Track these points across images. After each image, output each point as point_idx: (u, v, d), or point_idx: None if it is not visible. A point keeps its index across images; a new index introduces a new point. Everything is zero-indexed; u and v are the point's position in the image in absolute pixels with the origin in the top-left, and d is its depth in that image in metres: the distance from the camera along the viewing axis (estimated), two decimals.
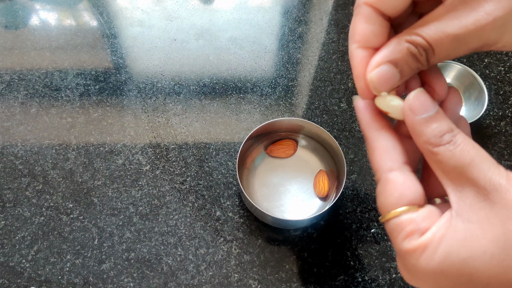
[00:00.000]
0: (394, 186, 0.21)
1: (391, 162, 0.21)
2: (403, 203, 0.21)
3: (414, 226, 0.20)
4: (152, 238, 0.46)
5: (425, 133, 0.20)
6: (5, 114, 0.54)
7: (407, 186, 0.21)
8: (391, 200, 0.21)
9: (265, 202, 0.48)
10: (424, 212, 0.20)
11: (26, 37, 0.61)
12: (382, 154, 0.22)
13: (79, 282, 0.44)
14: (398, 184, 0.21)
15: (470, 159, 0.19)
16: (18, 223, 0.47)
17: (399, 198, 0.21)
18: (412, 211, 0.20)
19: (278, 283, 0.44)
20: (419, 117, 0.20)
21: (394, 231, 0.21)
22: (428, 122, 0.20)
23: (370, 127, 0.22)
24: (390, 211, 0.21)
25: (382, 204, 0.21)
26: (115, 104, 0.56)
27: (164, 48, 0.61)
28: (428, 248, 0.19)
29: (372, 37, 0.21)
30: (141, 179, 0.50)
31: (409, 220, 0.20)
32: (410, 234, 0.20)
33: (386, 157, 0.21)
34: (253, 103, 0.56)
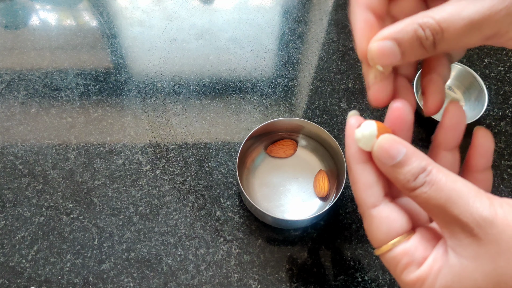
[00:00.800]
0: (379, 221, 0.21)
1: (373, 198, 0.21)
2: (392, 235, 0.21)
3: (408, 258, 0.20)
4: (152, 238, 0.46)
5: (399, 179, 0.20)
6: (5, 114, 0.54)
7: (392, 219, 0.21)
8: (380, 234, 0.21)
9: (265, 202, 0.48)
10: (415, 240, 0.20)
11: (26, 37, 0.61)
12: (365, 189, 0.22)
13: (79, 282, 0.44)
14: (384, 218, 0.21)
15: (446, 198, 0.18)
16: (18, 223, 0.47)
17: (387, 232, 0.21)
18: (403, 241, 0.20)
19: (278, 283, 0.44)
20: (388, 165, 0.20)
21: (391, 264, 0.21)
22: (398, 169, 0.20)
23: (354, 158, 0.22)
24: (382, 245, 0.21)
25: (373, 239, 0.22)
26: (115, 104, 0.56)
27: (164, 48, 0.61)
28: (427, 281, 0.19)
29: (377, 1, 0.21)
30: (141, 179, 0.50)
31: (403, 252, 0.20)
32: (407, 266, 0.20)
33: (369, 193, 0.21)
34: (253, 103, 0.56)
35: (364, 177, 0.22)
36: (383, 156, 0.20)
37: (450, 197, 0.18)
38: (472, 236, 0.18)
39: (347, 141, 0.22)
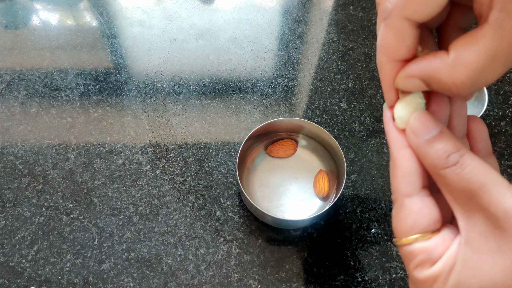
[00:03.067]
0: (408, 212, 0.20)
1: (409, 187, 0.21)
2: (416, 231, 0.20)
3: (425, 255, 0.20)
4: (152, 238, 0.46)
5: (429, 155, 0.19)
6: (5, 114, 0.54)
7: (421, 214, 0.20)
8: (404, 226, 0.21)
9: (265, 202, 0.48)
10: (436, 240, 0.20)
11: (26, 37, 0.61)
12: (402, 176, 0.21)
13: (79, 282, 0.44)
14: (413, 211, 0.20)
15: (480, 182, 0.17)
16: (18, 223, 0.47)
17: (412, 226, 0.20)
18: (424, 239, 0.20)
19: (278, 283, 0.44)
20: (421, 138, 0.19)
21: (407, 257, 0.21)
22: (431, 143, 0.19)
23: (394, 143, 0.21)
24: (403, 237, 0.21)
25: (396, 228, 0.21)
26: (115, 104, 0.56)
27: (164, 48, 0.61)
28: (439, 279, 0.19)
29: (404, 51, 0.20)
30: (141, 179, 0.50)
31: (421, 249, 0.20)
32: (422, 264, 0.20)
33: (406, 181, 0.21)
34: (253, 103, 0.56)
35: (404, 163, 0.21)
36: (418, 128, 0.20)
37: (485, 183, 0.17)
38: (496, 228, 0.17)
39: (386, 128, 0.22)
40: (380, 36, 0.20)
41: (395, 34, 0.20)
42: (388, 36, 0.20)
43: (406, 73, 0.20)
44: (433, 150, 0.19)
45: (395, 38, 0.20)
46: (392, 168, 0.22)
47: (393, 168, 0.21)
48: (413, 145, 0.20)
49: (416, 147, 0.20)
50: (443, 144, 0.19)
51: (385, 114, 0.22)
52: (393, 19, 0.19)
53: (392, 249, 0.47)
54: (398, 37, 0.20)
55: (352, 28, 0.63)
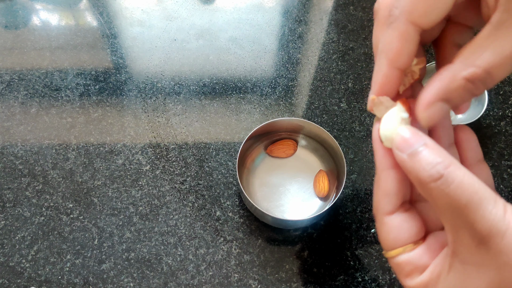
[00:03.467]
0: (389, 229, 0.22)
1: (389, 206, 0.22)
2: (398, 244, 0.21)
3: (411, 266, 0.21)
4: (152, 238, 0.46)
5: (414, 169, 0.19)
6: (5, 114, 0.54)
7: (401, 229, 0.21)
8: (387, 241, 0.22)
9: (265, 202, 0.48)
10: (420, 250, 0.21)
11: (26, 37, 0.61)
12: (383, 196, 0.22)
13: (79, 282, 0.44)
14: (393, 227, 0.22)
15: (466, 200, 0.17)
16: (18, 223, 0.47)
17: (394, 241, 0.22)
18: (408, 251, 0.21)
19: (278, 283, 0.44)
20: (405, 153, 0.19)
21: (395, 269, 0.22)
22: (414, 157, 0.19)
23: (380, 163, 0.22)
24: (388, 250, 0.22)
25: (381, 242, 0.23)
26: (115, 104, 0.56)
27: (164, 48, 0.61)
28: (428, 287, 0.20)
29: (405, 58, 0.20)
30: (141, 179, 0.50)
31: (406, 261, 0.21)
32: (410, 273, 0.21)
33: (386, 200, 0.22)
34: (253, 103, 0.56)
35: (385, 184, 0.22)
36: (401, 144, 0.20)
37: (471, 200, 0.17)
38: (481, 243, 0.17)
39: (374, 146, 0.22)
40: (384, 40, 0.21)
41: (400, 38, 0.20)
42: (393, 40, 0.20)
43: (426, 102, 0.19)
44: (417, 164, 0.19)
45: (400, 41, 0.20)
46: (375, 187, 0.23)
47: (376, 186, 0.22)
48: (398, 161, 0.20)
49: (402, 163, 0.20)
50: (427, 156, 0.18)
51: (374, 133, 0.23)
52: (400, 23, 0.20)
53: None
54: (403, 41, 0.20)
55: (352, 28, 0.63)
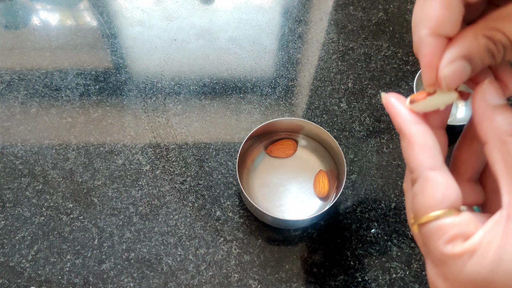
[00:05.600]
0: (436, 186, 0.19)
1: (433, 160, 0.19)
2: (445, 205, 0.19)
3: (457, 229, 0.18)
4: (152, 238, 0.46)
5: (498, 119, 0.18)
6: (5, 114, 0.54)
7: (450, 188, 0.19)
8: (432, 201, 0.19)
9: (265, 202, 0.48)
10: (465, 217, 0.19)
11: (26, 37, 0.61)
12: (423, 150, 0.20)
13: (79, 282, 0.44)
14: (441, 184, 0.19)
15: None
16: (18, 223, 0.47)
17: (441, 200, 0.19)
18: (453, 214, 0.19)
19: (278, 283, 0.44)
20: (492, 102, 0.19)
21: (434, 234, 0.19)
22: (500, 108, 0.19)
23: (408, 121, 0.20)
24: (428, 213, 0.19)
25: (421, 205, 0.20)
26: (115, 104, 0.56)
27: (164, 48, 0.61)
28: (477, 253, 0.17)
29: (448, 25, 0.19)
30: (141, 179, 0.50)
31: (453, 223, 0.18)
32: (454, 239, 0.18)
33: (428, 154, 0.20)
34: (253, 103, 0.56)
35: (422, 138, 0.20)
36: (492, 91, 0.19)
37: None
38: None
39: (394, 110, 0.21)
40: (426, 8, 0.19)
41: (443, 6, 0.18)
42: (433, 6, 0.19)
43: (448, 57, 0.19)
44: (502, 115, 0.18)
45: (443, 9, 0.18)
46: (408, 146, 0.20)
47: (408, 145, 0.20)
48: (483, 107, 0.19)
49: (485, 109, 0.19)
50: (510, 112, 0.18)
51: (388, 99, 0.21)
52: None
53: (392, 249, 0.47)
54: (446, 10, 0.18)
55: (352, 28, 0.63)
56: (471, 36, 0.18)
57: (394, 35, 0.63)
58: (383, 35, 0.63)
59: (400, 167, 0.52)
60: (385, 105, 0.22)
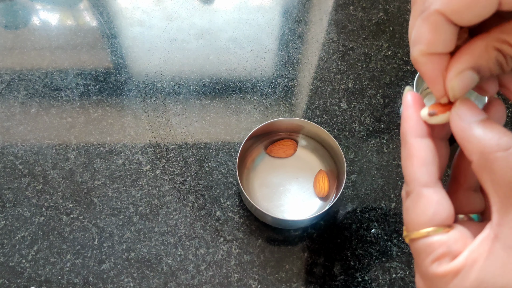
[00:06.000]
0: (428, 203, 0.19)
1: (428, 177, 0.20)
2: (435, 223, 0.19)
3: (445, 248, 0.19)
4: (152, 238, 0.46)
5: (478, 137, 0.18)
6: (5, 114, 0.54)
7: (442, 205, 0.19)
8: (422, 218, 0.19)
9: (265, 202, 0.48)
10: (455, 234, 0.19)
11: (26, 37, 0.61)
12: (421, 165, 0.20)
13: (79, 282, 0.44)
14: (433, 201, 0.19)
15: None
16: (18, 223, 0.47)
17: (431, 218, 0.19)
18: (442, 232, 0.19)
19: (278, 283, 0.44)
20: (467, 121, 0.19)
21: (423, 252, 0.19)
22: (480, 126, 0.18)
23: (414, 131, 0.20)
24: (419, 229, 0.20)
25: (412, 220, 0.20)
26: (115, 104, 0.56)
27: (164, 48, 0.61)
28: (460, 274, 0.18)
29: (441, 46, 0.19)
30: (141, 179, 0.50)
31: (440, 242, 0.19)
32: (441, 257, 0.19)
33: (424, 170, 0.20)
34: (253, 103, 0.56)
35: (422, 152, 0.20)
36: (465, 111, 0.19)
37: None
38: None
39: (406, 113, 0.21)
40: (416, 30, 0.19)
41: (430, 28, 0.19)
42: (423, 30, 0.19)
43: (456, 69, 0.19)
44: (482, 134, 0.18)
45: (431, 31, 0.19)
46: (408, 157, 0.20)
47: (409, 157, 0.20)
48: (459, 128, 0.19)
49: (462, 131, 0.19)
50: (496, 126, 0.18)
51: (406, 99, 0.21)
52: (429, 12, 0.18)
53: (392, 249, 0.47)
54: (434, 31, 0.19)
55: (352, 28, 0.63)
56: (481, 47, 0.18)
57: (394, 35, 0.63)
58: (383, 35, 0.63)
59: (400, 167, 0.52)
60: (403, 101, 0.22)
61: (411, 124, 0.21)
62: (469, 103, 0.19)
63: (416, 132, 0.20)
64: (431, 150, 0.20)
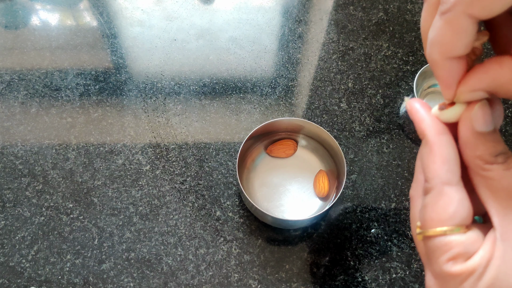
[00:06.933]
0: (449, 202, 0.19)
1: (450, 174, 0.19)
2: (454, 222, 0.19)
3: (461, 249, 0.19)
4: (152, 238, 0.46)
5: (481, 147, 0.19)
6: (5, 114, 0.54)
7: (463, 204, 0.19)
8: (442, 216, 0.19)
9: (265, 202, 0.48)
10: (472, 235, 0.19)
11: (26, 37, 0.61)
12: (443, 162, 0.20)
13: (79, 282, 0.44)
14: (455, 200, 0.19)
15: None
16: (18, 223, 0.47)
17: (451, 216, 0.19)
18: (460, 232, 0.19)
19: (278, 283, 0.44)
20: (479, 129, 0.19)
21: (439, 249, 0.19)
22: (485, 137, 0.19)
23: (433, 129, 0.20)
24: (437, 227, 0.19)
25: (430, 217, 0.20)
26: (115, 104, 0.56)
27: (164, 48, 0.61)
28: (474, 274, 0.18)
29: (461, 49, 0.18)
30: (141, 179, 0.50)
31: (458, 242, 0.19)
32: (456, 257, 0.19)
33: (447, 168, 0.20)
34: (253, 103, 0.56)
35: (444, 149, 0.20)
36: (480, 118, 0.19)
37: None
38: None
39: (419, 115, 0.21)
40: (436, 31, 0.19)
41: (454, 31, 0.18)
42: (447, 33, 0.18)
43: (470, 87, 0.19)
44: (485, 144, 0.18)
45: (454, 35, 0.18)
46: (428, 154, 0.20)
47: (429, 154, 0.20)
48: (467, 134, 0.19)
49: (469, 136, 0.19)
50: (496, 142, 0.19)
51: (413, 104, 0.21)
52: (455, 14, 0.17)
53: (392, 249, 0.47)
54: (458, 35, 0.18)
55: (352, 28, 0.63)
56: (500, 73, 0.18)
57: (394, 35, 0.63)
58: (383, 35, 0.63)
59: (400, 167, 0.52)
60: (408, 111, 0.22)
61: (428, 123, 0.20)
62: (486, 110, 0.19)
63: (435, 129, 0.20)
64: (453, 147, 0.20)
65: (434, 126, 0.20)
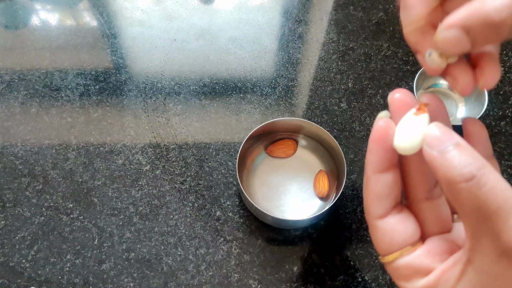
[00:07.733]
0: (382, 232, 0.21)
1: (380, 209, 0.21)
2: (395, 248, 0.21)
3: (411, 270, 0.20)
4: (152, 238, 0.46)
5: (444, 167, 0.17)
6: (5, 114, 0.54)
7: (396, 231, 0.21)
8: (383, 245, 0.21)
9: (265, 202, 0.48)
10: (420, 253, 0.20)
11: (26, 37, 0.61)
12: (374, 200, 0.21)
13: (79, 282, 0.44)
14: (387, 230, 0.21)
15: (497, 207, 0.16)
16: (18, 223, 0.47)
17: (389, 244, 0.21)
18: (406, 253, 0.20)
19: (278, 283, 0.44)
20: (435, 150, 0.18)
21: (394, 274, 0.21)
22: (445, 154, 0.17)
23: (372, 166, 0.21)
24: (385, 255, 0.21)
25: (376, 248, 0.22)
26: (115, 104, 0.56)
27: (164, 48, 0.61)
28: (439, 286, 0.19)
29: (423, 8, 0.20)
30: (141, 179, 0.50)
31: (406, 265, 0.20)
32: (410, 277, 0.20)
33: (376, 204, 0.21)
34: (253, 103, 0.56)
35: (377, 188, 0.21)
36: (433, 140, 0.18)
37: (502, 207, 0.16)
38: (503, 256, 0.16)
39: (372, 146, 0.20)
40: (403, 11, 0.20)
41: None
42: None
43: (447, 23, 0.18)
44: (447, 162, 0.17)
45: None
46: (365, 190, 0.21)
47: (366, 190, 0.21)
48: (427, 158, 0.18)
49: (431, 160, 0.18)
50: (459, 155, 0.17)
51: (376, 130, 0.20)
52: None
53: None
54: None
55: (352, 28, 0.63)
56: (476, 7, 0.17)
57: (394, 35, 0.63)
58: (383, 35, 0.63)
59: None
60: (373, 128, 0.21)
61: (373, 158, 0.21)
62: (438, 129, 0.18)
63: (374, 167, 0.21)
64: (388, 185, 0.21)
65: (376, 163, 0.20)
